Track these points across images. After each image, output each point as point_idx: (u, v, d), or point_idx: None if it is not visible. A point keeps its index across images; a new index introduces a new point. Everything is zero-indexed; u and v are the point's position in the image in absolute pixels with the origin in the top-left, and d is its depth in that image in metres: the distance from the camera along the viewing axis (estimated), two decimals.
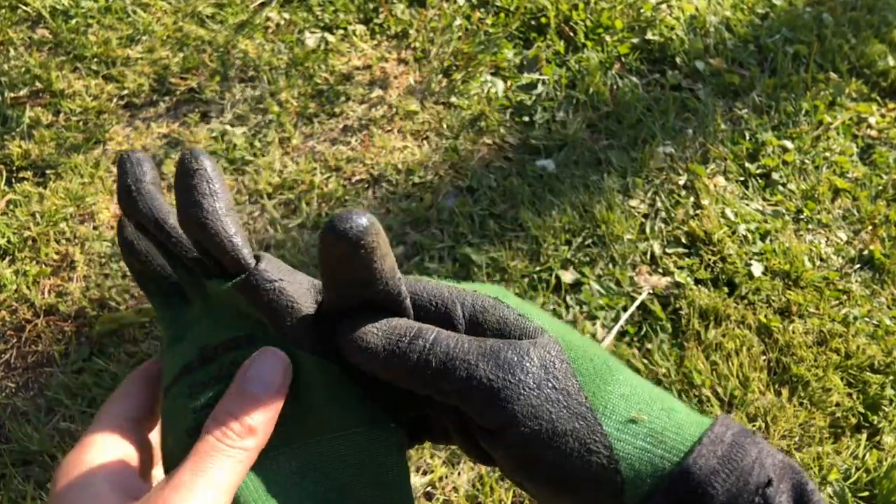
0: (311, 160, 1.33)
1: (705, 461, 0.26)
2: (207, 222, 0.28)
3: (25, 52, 1.46)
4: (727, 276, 1.21)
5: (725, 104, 1.49)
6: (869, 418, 1.06)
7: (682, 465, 0.26)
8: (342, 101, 1.42)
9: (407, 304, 0.30)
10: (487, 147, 1.37)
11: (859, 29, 1.64)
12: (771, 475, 0.26)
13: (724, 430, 0.27)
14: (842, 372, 1.10)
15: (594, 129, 1.42)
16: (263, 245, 1.20)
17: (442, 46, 1.52)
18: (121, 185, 0.32)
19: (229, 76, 1.44)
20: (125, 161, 0.32)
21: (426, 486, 0.96)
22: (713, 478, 0.26)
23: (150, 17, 1.52)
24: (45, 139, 1.31)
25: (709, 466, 0.26)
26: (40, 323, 1.10)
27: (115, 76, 1.43)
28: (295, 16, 1.56)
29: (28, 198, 1.24)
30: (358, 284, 0.28)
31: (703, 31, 1.60)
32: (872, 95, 1.53)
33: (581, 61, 1.52)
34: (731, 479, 0.26)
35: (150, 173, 0.32)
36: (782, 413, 1.04)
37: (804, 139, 1.43)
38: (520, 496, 0.96)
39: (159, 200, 0.32)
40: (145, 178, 0.32)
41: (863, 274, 1.24)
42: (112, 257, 1.18)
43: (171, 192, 1.24)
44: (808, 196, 1.35)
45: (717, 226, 1.26)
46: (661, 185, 1.33)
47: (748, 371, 1.09)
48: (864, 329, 1.15)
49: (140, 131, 1.36)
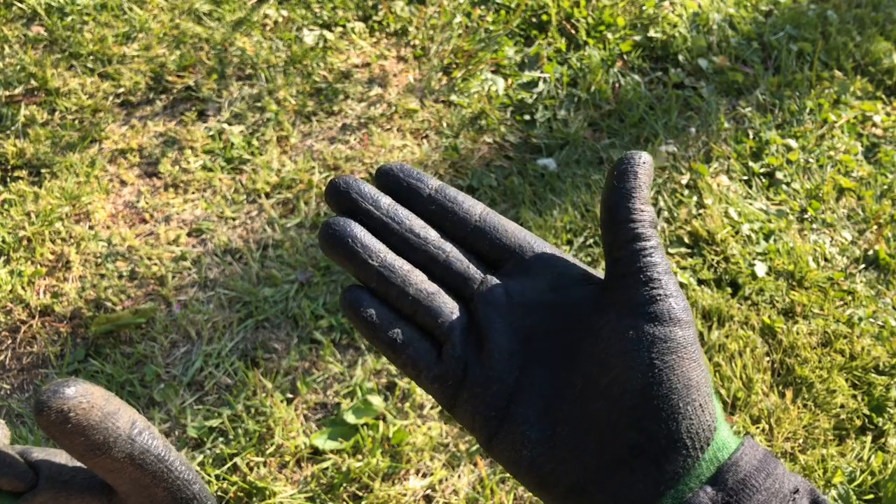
0: (309, 159, 1.31)
1: (748, 460, 0.28)
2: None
3: (20, 49, 1.44)
4: (730, 276, 1.19)
5: (729, 102, 1.47)
6: (874, 420, 1.05)
7: (731, 458, 0.28)
8: (341, 100, 1.41)
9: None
10: (488, 146, 1.36)
11: (864, 26, 1.63)
12: (798, 485, 0.29)
13: (753, 444, 0.30)
14: (846, 373, 1.09)
15: (596, 128, 1.41)
16: (262, 245, 1.19)
17: (442, 44, 1.50)
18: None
19: (227, 74, 1.43)
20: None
21: (426, 489, 0.95)
22: (756, 474, 0.28)
23: (146, 15, 1.51)
24: (40, 138, 1.30)
25: (751, 464, 0.28)
26: (35, 324, 1.09)
27: (111, 74, 1.41)
28: (293, 13, 1.54)
29: (23, 197, 1.23)
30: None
31: (706, 28, 1.59)
32: (877, 93, 1.52)
33: (583, 59, 1.50)
34: (769, 479, 0.28)
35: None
36: (786, 415, 1.03)
37: (808, 138, 1.41)
38: (521, 498, 0.95)
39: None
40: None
41: (868, 274, 1.22)
42: (108, 257, 1.16)
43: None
44: (812, 195, 1.33)
45: (720, 225, 1.25)
46: (664, 184, 1.32)
47: (752, 372, 1.07)
48: (869, 330, 1.14)
49: (136, 130, 1.34)
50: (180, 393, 1.02)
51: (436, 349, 0.33)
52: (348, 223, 0.33)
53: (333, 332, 1.09)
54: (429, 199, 0.34)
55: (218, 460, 0.96)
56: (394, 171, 0.35)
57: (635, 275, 0.30)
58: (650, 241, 0.31)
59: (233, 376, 1.04)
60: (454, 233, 0.34)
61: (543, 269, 0.33)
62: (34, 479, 0.31)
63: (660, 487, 0.28)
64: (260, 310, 1.10)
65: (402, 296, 0.32)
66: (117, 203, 1.25)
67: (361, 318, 0.32)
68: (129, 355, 1.06)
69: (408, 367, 0.32)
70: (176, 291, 1.13)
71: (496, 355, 0.32)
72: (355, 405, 1.01)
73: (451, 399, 0.32)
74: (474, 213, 0.34)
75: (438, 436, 0.99)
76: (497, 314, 0.32)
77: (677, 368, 0.29)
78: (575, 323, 0.32)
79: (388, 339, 0.32)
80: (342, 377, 1.05)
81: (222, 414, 1.00)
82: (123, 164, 1.29)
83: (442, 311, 0.33)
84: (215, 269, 1.16)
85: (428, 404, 1.02)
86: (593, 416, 0.30)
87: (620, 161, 0.32)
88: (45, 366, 1.05)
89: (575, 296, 0.33)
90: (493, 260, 0.34)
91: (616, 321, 0.30)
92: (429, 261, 0.34)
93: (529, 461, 0.30)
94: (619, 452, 0.29)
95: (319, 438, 0.97)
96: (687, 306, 0.30)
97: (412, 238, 0.33)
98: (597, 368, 0.30)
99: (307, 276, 1.14)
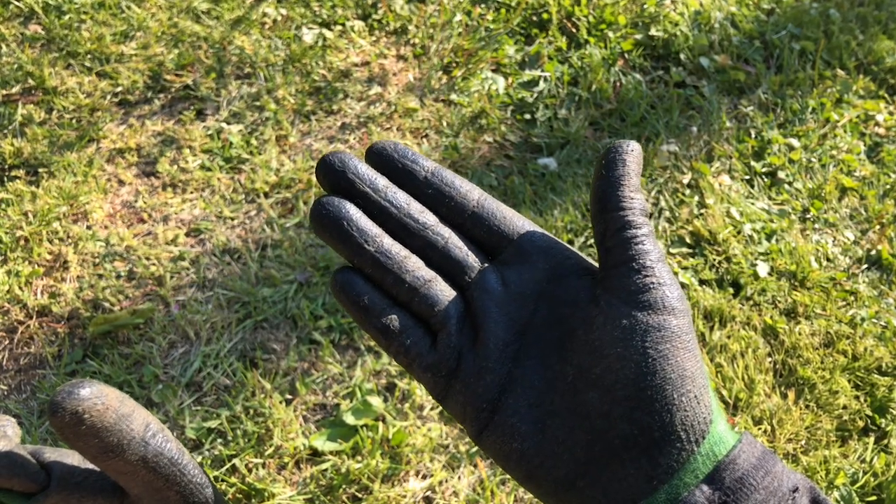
0: (308, 158, 1.30)
1: (746, 458, 0.28)
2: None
3: (17, 48, 1.43)
4: (732, 276, 1.18)
5: (730, 101, 1.46)
6: (876, 421, 1.04)
7: (728, 456, 0.28)
8: (340, 99, 1.40)
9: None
10: (488, 145, 1.35)
11: (867, 25, 1.62)
12: (797, 483, 0.28)
13: (751, 441, 0.29)
14: (849, 374, 1.08)
15: (597, 127, 1.40)
16: (260, 245, 1.19)
17: (442, 42, 1.49)
18: None
19: (225, 73, 1.42)
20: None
21: (426, 491, 0.94)
22: (754, 472, 0.27)
23: (144, 13, 1.50)
24: (37, 137, 1.29)
25: (749, 462, 0.28)
26: (33, 324, 1.08)
27: (109, 73, 1.41)
28: (292, 11, 1.53)
29: (20, 197, 1.22)
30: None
31: (708, 27, 1.58)
32: (880, 93, 1.51)
33: (583, 58, 1.50)
34: (768, 478, 0.27)
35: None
36: (788, 416, 1.03)
37: (811, 137, 1.41)
38: (521, 500, 0.94)
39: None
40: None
41: (870, 274, 1.22)
42: (106, 257, 1.16)
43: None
44: (814, 195, 1.33)
45: (721, 225, 1.24)
46: (665, 183, 1.31)
47: (754, 373, 1.07)
48: (872, 330, 1.13)
49: (134, 129, 1.33)
50: (178, 394, 1.01)
51: (429, 337, 0.32)
52: (343, 204, 0.31)
53: (333, 332, 1.08)
54: (424, 183, 0.33)
55: (216, 461, 0.96)
56: (388, 150, 0.33)
57: (627, 263, 0.30)
58: (641, 228, 0.30)
59: (231, 377, 1.03)
60: (450, 218, 0.33)
61: (541, 258, 0.33)
62: (46, 481, 0.30)
63: (653, 482, 0.27)
64: (259, 310, 1.10)
65: (398, 283, 0.31)
66: (115, 203, 1.24)
67: (353, 302, 0.32)
68: (127, 356, 1.05)
69: (400, 356, 0.32)
70: (174, 292, 1.12)
71: (491, 346, 0.31)
72: (355, 406, 1.00)
73: (443, 389, 0.32)
74: (472, 198, 0.33)
75: (438, 437, 0.98)
76: (493, 304, 0.32)
77: (672, 358, 0.28)
78: (570, 314, 0.31)
79: (382, 325, 0.31)
80: (341, 378, 1.04)
81: (221, 415, 0.99)
82: (121, 164, 1.28)
83: (438, 299, 0.32)
84: (214, 270, 1.15)
85: (428, 405, 1.02)
86: (585, 407, 0.29)
87: (608, 150, 0.31)
88: (43, 366, 1.05)
89: (571, 286, 0.32)
90: (490, 247, 0.33)
91: (609, 310, 0.29)
92: (426, 246, 0.32)
93: (519, 454, 0.30)
94: (610, 445, 0.28)
95: (319, 439, 0.97)
96: (681, 295, 0.30)
97: (411, 223, 0.32)
98: (589, 358, 0.29)
99: (306, 276, 1.14)
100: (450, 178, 0.34)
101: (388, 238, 0.32)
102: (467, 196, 0.33)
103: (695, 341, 0.29)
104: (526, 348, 0.31)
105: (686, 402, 0.28)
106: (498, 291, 0.32)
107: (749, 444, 0.28)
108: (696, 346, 0.29)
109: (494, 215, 0.33)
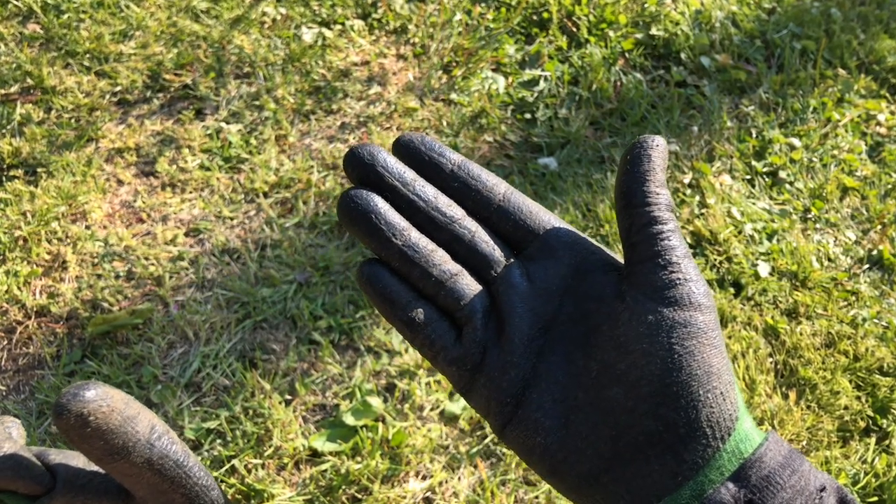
0: (307, 158, 1.30)
1: (772, 456, 0.27)
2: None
3: (16, 47, 1.43)
4: (733, 276, 1.18)
5: (731, 101, 1.46)
6: (878, 422, 1.04)
7: (754, 453, 0.27)
8: (340, 98, 1.40)
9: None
10: (488, 145, 1.35)
11: (868, 24, 1.61)
12: (824, 482, 0.28)
13: (778, 440, 0.28)
14: (850, 374, 1.08)
15: (597, 127, 1.40)
16: (260, 245, 1.18)
17: (442, 42, 1.49)
18: None
19: (224, 72, 1.42)
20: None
21: (425, 492, 0.94)
22: (781, 471, 0.27)
23: (143, 12, 1.50)
24: (36, 137, 1.29)
25: (776, 460, 0.27)
26: (31, 324, 1.08)
27: (108, 72, 1.40)
28: (291, 10, 1.53)
29: (19, 197, 1.22)
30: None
31: (709, 26, 1.58)
32: (882, 92, 1.50)
33: (584, 57, 1.49)
34: (794, 476, 0.27)
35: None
36: (789, 416, 1.02)
37: (812, 137, 1.40)
38: (522, 501, 0.94)
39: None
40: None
41: (872, 274, 1.21)
42: (104, 257, 1.15)
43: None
44: (815, 195, 1.32)
45: (722, 225, 1.23)
46: (666, 183, 1.31)
47: (755, 373, 1.06)
48: (873, 331, 1.12)
49: (133, 129, 1.33)
50: (178, 394, 1.01)
51: (454, 331, 0.32)
52: (371, 197, 0.31)
53: (332, 332, 1.08)
54: (451, 176, 0.33)
55: (216, 462, 0.95)
56: (415, 142, 0.33)
57: (653, 259, 0.30)
58: (667, 224, 0.30)
59: (231, 377, 1.03)
60: (476, 211, 0.33)
61: (566, 253, 0.33)
62: (51, 483, 0.30)
63: (677, 478, 0.27)
64: (258, 310, 1.09)
65: (425, 276, 0.31)
66: (114, 202, 1.24)
67: (381, 294, 0.32)
68: (125, 356, 1.05)
69: (425, 348, 0.32)
70: (173, 292, 1.12)
71: (516, 340, 0.31)
72: (354, 406, 1.00)
73: (467, 383, 0.32)
74: (498, 191, 0.33)
75: (438, 437, 0.98)
76: (519, 299, 0.32)
77: (697, 354, 0.28)
78: (595, 309, 0.31)
79: (408, 317, 0.32)
80: (341, 378, 1.04)
81: (220, 415, 0.99)
82: (120, 164, 1.28)
83: (464, 293, 0.32)
84: (213, 270, 1.15)
85: (427, 406, 1.01)
86: (609, 403, 0.29)
87: (633, 145, 0.31)
88: (42, 367, 1.04)
89: (597, 282, 0.32)
90: (516, 241, 0.33)
91: (635, 306, 0.29)
92: (453, 240, 0.32)
93: (543, 448, 0.30)
94: (634, 441, 0.28)
95: (318, 440, 0.96)
96: (708, 291, 0.30)
97: (438, 217, 0.32)
98: (614, 354, 0.29)
99: (306, 276, 1.13)
100: (476, 172, 0.34)
101: (415, 232, 0.32)
102: (493, 189, 0.33)
103: (721, 338, 0.29)
104: (550, 344, 0.31)
105: (712, 399, 0.28)
106: (523, 287, 0.32)
107: (775, 442, 0.28)
108: (723, 342, 0.29)
109: (520, 209, 0.33)
